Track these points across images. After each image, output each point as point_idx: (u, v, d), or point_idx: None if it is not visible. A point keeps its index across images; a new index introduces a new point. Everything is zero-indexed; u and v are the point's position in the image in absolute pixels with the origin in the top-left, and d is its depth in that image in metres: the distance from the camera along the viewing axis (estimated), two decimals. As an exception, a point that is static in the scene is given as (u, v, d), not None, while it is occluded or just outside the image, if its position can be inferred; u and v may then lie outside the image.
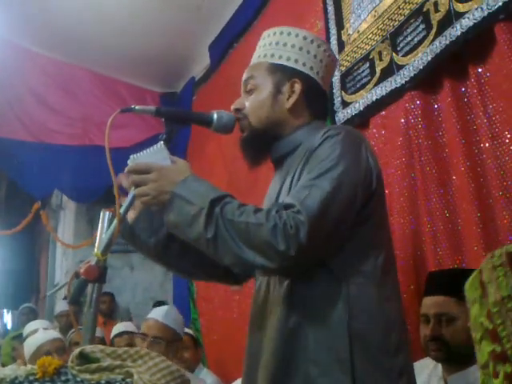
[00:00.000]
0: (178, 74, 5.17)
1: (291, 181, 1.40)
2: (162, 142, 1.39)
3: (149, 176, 1.33)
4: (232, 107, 1.53)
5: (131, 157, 1.37)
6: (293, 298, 1.31)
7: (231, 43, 4.22)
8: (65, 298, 5.87)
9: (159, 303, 5.66)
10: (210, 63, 4.62)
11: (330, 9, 2.92)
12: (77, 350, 1.08)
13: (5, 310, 10.01)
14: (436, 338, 1.83)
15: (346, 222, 1.30)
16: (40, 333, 3.18)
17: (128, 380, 1.01)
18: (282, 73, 1.50)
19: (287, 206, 1.25)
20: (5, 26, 4.43)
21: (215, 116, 1.47)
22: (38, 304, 7.86)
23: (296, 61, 1.51)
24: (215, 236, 1.24)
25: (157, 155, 1.36)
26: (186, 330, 3.61)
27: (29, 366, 1.09)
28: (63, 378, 1.03)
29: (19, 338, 4.26)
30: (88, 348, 1.08)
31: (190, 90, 5.06)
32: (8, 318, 10.07)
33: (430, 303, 1.89)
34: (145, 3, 4.12)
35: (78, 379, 1.03)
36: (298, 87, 1.49)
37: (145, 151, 1.37)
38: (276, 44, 1.53)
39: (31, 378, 1.04)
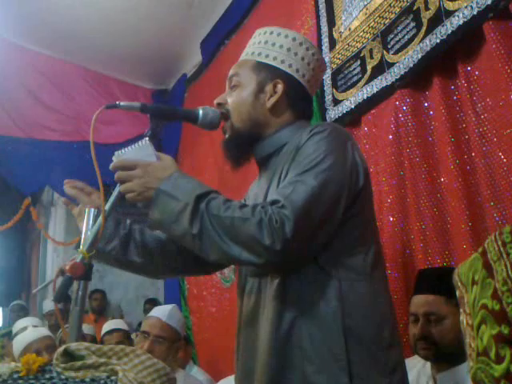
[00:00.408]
0: (170, 71, 5.16)
1: (278, 180, 1.40)
2: (147, 139, 1.38)
3: (134, 172, 1.32)
4: (215, 101, 1.53)
5: (116, 153, 1.36)
6: (285, 296, 1.31)
7: (223, 40, 4.22)
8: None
9: (151, 301, 5.66)
10: (202, 60, 4.62)
11: (322, 6, 2.92)
12: (61, 348, 1.07)
13: (-5, 308, 9.98)
14: (425, 337, 1.83)
15: (332, 217, 1.29)
16: (29, 330, 3.17)
17: (113, 378, 1.00)
18: (267, 72, 1.51)
19: (273, 202, 1.25)
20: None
21: (201, 112, 1.47)
22: (28, 301, 7.83)
23: (282, 61, 1.51)
24: (200, 232, 1.23)
25: (142, 152, 1.35)
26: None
27: (12, 364, 1.08)
28: (47, 376, 1.02)
29: (8, 336, 4.24)
30: (73, 345, 1.07)
31: (182, 87, 5.05)
32: (-3, 316, 10.04)
33: (419, 302, 1.88)
34: (137, 1, 4.11)
35: (63, 377, 1.02)
36: (280, 88, 1.49)
37: (130, 147, 1.36)
38: (265, 43, 1.54)
39: (15, 375, 1.03)
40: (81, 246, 1.33)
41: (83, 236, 1.36)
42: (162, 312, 2.77)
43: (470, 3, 1.96)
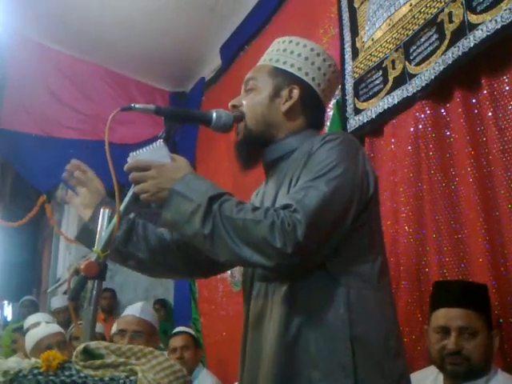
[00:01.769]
0: (189, 74, 5.18)
1: (289, 185, 1.40)
2: (161, 140, 1.40)
3: (148, 173, 1.33)
4: (229, 103, 1.55)
5: (131, 154, 1.37)
6: (293, 302, 1.31)
7: (243, 46, 4.23)
8: (65, 293, 5.89)
9: (160, 301, 5.68)
10: (221, 64, 4.63)
11: (345, 16, 2.92)
12: (81, 346, 1.08)
13: (5, 302, 10.05)
14: (458, 351, 1.79)
15: (343, 223, 1.30)
16: (42, 326, 3.19)
17: (132, 378, 1.01)
18: (283, 77, 1.53)
19: (284, 206, 1.25)
20: (21, 21, 4.46)
21: (214, 115, 1.48)
22: (39, 297, 7.88)
23: (299, 69, 1.53)
24: (212, 232, 1.24)
25: (156, 153, 1.36)
26: (187, 329, 3.62)
27: (33, 360, 1.09)
28: (67, 373, 1.03)
29: (20, 330, 4.27)
30: (92, 344, 1.08)
31: (200, 91, 5.07)
32: (8, 311, 10.10)
33: (452, 315, 1.83)
34: (159, 3, 4.14)
35: (82, 375, 1.03)
36: (296, 93, 1.51)
37: (144, 149, 1.37)
38: (283, 51, 1.56)
39: (35, 371, 1.04)
40: (95, 246, 1.34)
41: (97, 236, 1.37)
42: (135, 309, 2.86)
43: (495, 17, 1.95)
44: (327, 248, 1.29)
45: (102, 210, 1.43)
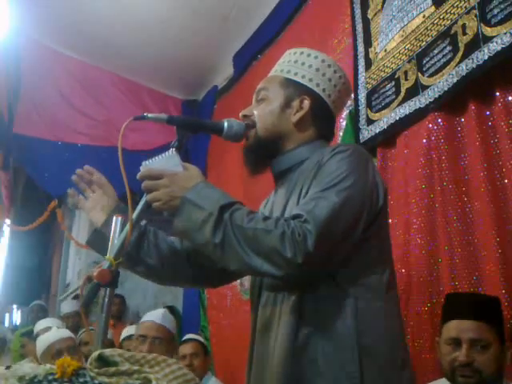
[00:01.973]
0: (201, 82, 5.20)
1: (299, 195, 1.41)
2: (173, 149, 1.41)
3: (161, 182, 1.35)
4: (240, 114, 1.56)
5: (143, 163, 1.39)
6: (302, 312, 1.32)
7: (256, 55, 4.24)
8: (74, 298, 5.91)
9: (168, 308, 5.68)
10: (234, 73, 4.65)
11: (359, 26, 2.94)
12: (96, 353, 1.09)
13: (15, 307, 10.08)
14: (469, 364, 1.77)
15: (353, 234, 1.31)
16: (53, 331, 3.22)
17: (145, 386, 1.02)
18: (294, 88, 1.55)
19: (295, 217, 1.27)
20: (34, 27, 4.50)
21: (226, 124, 1.50)
22: (48, 302, 7.91)
23: (310, 80, 1.55)
24: (223, 241, 1.25)
25: (169, 162, 1.38)
26: (196, 337, 3.62)
27: (48, 366, 1.10)
28: (81, 380, 1.04)
29: (29, 335, 4.29)
30: (107, 351, 1.09)
31: (212, 99, 5.09)
32: (17, 315, 10.13)
33: (463, 327, 1.81)
34: (173, 11, 4.17)
35: (96, 382, 1.04)
36: (306, 104, 1.53)
37: (157, 157, 1.39)
38: (294, 62, 1.58)
39: (50, 377, 1.05)
40: (108, 253, 1.36)
41: (110, 243, 1.38)
42: (155, 316, 2.90)
43: (510, 30, 1.96)
44: (337, 258, 1.31)
45: (114, 218, 1.45)
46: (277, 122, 1.53)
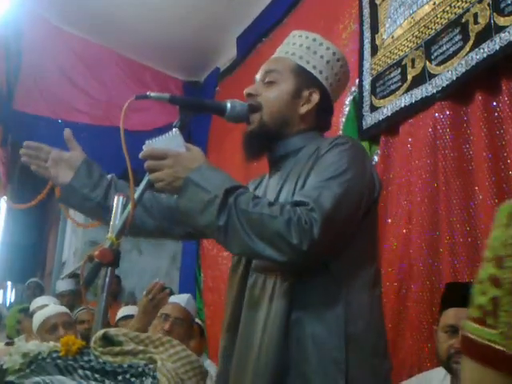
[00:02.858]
0: (204, 64, 5.16)
1: (295, 182, 1.42)
2: (176, 129, 1.40)
3: (164, 162, 1.33)
4: (245, 91, 1.54)
5: (146, 142, 1.37)
6: (294, 297, 1.34)
7: (260, 37, 4.20)
8: (70, 277, 5.91)
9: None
10: (237, 55, 4.61)
11: (366, 12, 2.91)
12: (100, 332, 1.08)
13: (9, 284, 10.09)
14: None
15: (352, 224, 1.36)
16: (50, 306, 3.24)
17: (150, 366, 1.01)
18: (305, 78, 1.54)
19: (299, 203, 1.28)
20: (36, 2, 4.45)
21: (228, 105, 1.48)
22: (43, 280, 7.90)
23: (320, 72, 1.54)
24: (226, 224, 1.25)
25: (172, 142, 1.36)
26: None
27: (51, 343, 1.09)
28: (86, 359, 1.04)
29: (25, 312, 4.28)
30: (112, 331, 1.08)
31: (214, 81, 5.06)
32: (11, 293, 10.14)
33: (462, 315, 1.79)
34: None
35: (100, 360, 1.04)
36: (315, 98, 1.53)
37: (160, 137, 1.37)
38: (307, 48, 1.56)
39: (54, 355, 1.05)
40: (109, 233, 1.35)
41: (112, 223, 1.37)
42: (180, 298, 3.05)
43: (522, 19, 1.94)
44: (337, 247, 1.34)
45: (116, 197, 1.44)
46: (284, 110, 1.51)
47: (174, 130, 1.39)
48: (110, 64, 5.06)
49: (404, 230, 2.38)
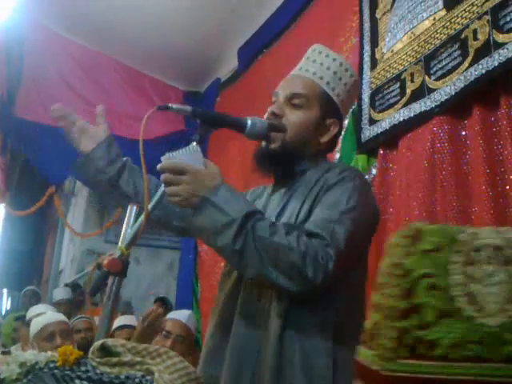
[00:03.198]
0: (204, 74, 5.18)
1: (301, 204, 1.45)
2: (195, 144, 1.40)
3: (183, 178, 1.34)
4: (270, 110, 1.55)
5: (166, 154, 1.37)
6: (288, 318, 1.36)
7: (261, 49, 4.23)
8: (67, 285, 5.90)
9: (160, 299, 5.67)
10: (238, 66, 4.63)
11: (366, 25, 2.93)
12: (98, 343, 1.08)
13: (5, 291, 10.05)
14: None
15: (361, 257, 1.47)
16: (48, 314, 3.24)
17: (148, 377, 1.01)
18: (330, 108, 1.57)
19: (315, 235, 1.31)
20: (38, 9, 4.47)
21: (249, 122, 1.49)
22: (39, 287, 7.88)
23: (342, 101, 1.59)
24: (242, 249, 1.28)
25: (191, 157, 1.37)
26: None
27: (49, 353, 1.10)
28: (83, 369, 1.04)
29: (22, 320, 4.28)
30: (110, 341, 1.08)
31: (215, 91, 5.08)
32: (7, 300, 10.10)
33: None
34: (180, 1, 4.15)
35: (98, 371, 1.04)
36: (334, 129, 1.57)
37: (180, 151, 1.37)
38: (334, 73, 1.58)
39: (51, 365, 1.05)
40: (120, 243, 1.35)
41: (123, 232, 1.38)
42: (182, 315, 3.04)
43: (521, 37, 1.96)
44: (345, 277, 1.40)
45: (129, 206, 1.46)
46: (306, 136, 1.54)
47: (193, 144, 1.39)
48: (109, 71, 5.08)
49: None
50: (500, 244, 0.57)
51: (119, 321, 3.91)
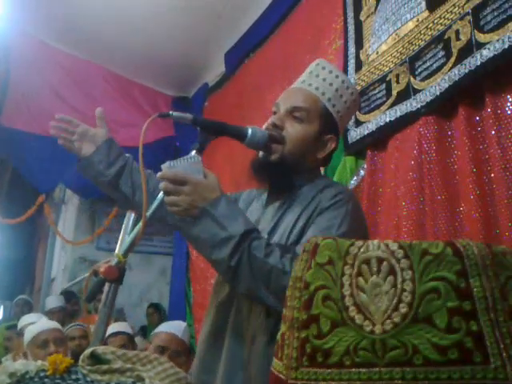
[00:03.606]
0: (192, 79, 5.20)
1: (295, 221, 1.45)
2: (194, 153, 1.39)
3: (184, 188, 1.33)
4: (271, 120, 1.55)
5: (167, 163, 1.35)
6: (273, 333, 1.36)
7: (248, 53, 4.24)
8: (61, 294, 5.87)
9: (153, 306, 5.67)
10: (225, 70, 4.65)
11: (351, 28, 2.95)
12: (88, 350, 1.09)
13: (-2, 300, 9.99)
14: None
15: None
16: (42, 321, 3.22)
17: (138, 384, 1.02)
18: (329, 124, 1.57)
19: None
20: (25, 19, 4.47)
21: (250, 131, 1.49)
22: (31, 296, 7.84)
23: (341, 118, 1.60)
24: (237, 266, 1.29)
25: (192, 167, 1.35)
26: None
27: (39, 362, 1.10)
28: (73, 377, 1.04)
29: (13, 329, 4.26)
30: (100, 349, 1.09)
31: (202, 96, 5.09)
32: None
33: None
34: (167, 7, 4.16)
35: (88, 379, 1.04)
36: (332, 145, 1.58)
37: (181, 160, 1.36)
38: (335, 91, 1.59)
39: (42, 374, 1.05)
40: (117, 250, 1.35)
41: (120, 239, 1.38)
42: (176, 328, 2.88)
43: (502, 37, 1.98)
44: None
45: (127, 213, 1.46)
46: (304, 150, 1.54)
47: (193, 154, 1.39)
48: (98, 80, 5.08)
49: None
50: (383, 256, 0.61)
51: (113, 327, 3.89)
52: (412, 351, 0.58)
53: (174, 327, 2.92)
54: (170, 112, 1.42)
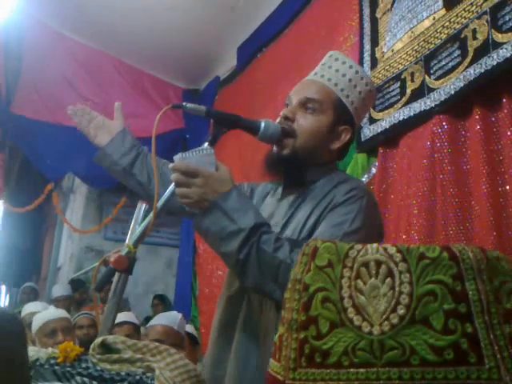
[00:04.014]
0: (203, 72, 5.19)
1: (308, 215, 1.44)
2: (207, 146, 1.37)
3: (195, 180, 1.33)
4: (283, 113, 1.53)
5: (180, 154, 1.34)
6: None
7: (260, 47, 4.23)
8: (68, 283, 5.89)
9: (159, 297, 5.67)
10: (237, 65, 4.63)
11: (367, 25, 2.93)
12: (99, 339, 1.09)
13: (3, 287, 10.04)
14: None
15: None
16: (51, 309, 3.22)
17: (148, 374, 1.02)
18: (343, 115, 1.54)
19: None
20: (39, 8, 4.48)
21: (263, 125, 1.47)
22: (37, 284, 7.88)
23: (356, 109, 1.55)
24: (245, 260, 1.28)
25: (204, 159, 1.34)
26: (186, 327, 3.61)
27: (50, 349, 1.10)
28: (84, 365, 1.04)
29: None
30: (110, 338, 1.09)
31: (214, 89, 5.08)
32: (6, 297, 10.08)
33: None
34: (181, 0, 4.15)
35: (98, 368, 1.04)
36: (346, 136, 1.54)
37: (193, 151, 1.34)
38: (349, 81, 1.55)
39: (52, 361, 1.05)
40: (127, 240, 1.35)
41: (131, 230, 1.38)
42: (172, 320, 2.83)
43: (520, 37, 1.96)
44: None
45: (139, 204, 1.45)
46: (317, 143, 1.51)
47: (206, 146, 1.37)
48: (110, 70, 5.08)
49: (402, 242, 2.39)
50: (382, 259, 0.62)
51: (119, 317, 3.89)
52: (409, 352, 0.60)
53: (169, 319, 2.86)
54: (184, 103, 1.41)
